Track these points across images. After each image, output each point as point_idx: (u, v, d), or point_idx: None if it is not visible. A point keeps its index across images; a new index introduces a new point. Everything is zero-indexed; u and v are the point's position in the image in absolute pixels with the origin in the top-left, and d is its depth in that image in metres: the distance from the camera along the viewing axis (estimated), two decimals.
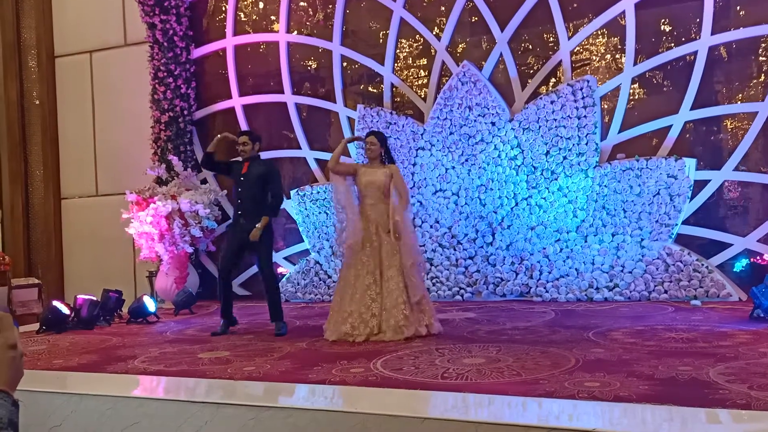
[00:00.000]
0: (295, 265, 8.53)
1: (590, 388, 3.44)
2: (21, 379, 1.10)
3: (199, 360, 4.81)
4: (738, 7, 6.86)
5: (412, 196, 7.84)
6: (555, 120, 7.26)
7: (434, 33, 8.00)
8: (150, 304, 7.12)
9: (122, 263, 9.32)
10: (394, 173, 5.46)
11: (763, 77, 6.78)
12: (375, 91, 8.39)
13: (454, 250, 7.68)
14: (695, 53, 6.88)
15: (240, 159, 6.04)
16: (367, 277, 5.31)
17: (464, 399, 3.44)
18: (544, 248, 7.31)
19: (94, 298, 6.93)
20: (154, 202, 8.16)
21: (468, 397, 3.45)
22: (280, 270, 8.68)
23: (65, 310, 6.70)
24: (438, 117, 7.75)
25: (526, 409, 3.29)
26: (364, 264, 5.33)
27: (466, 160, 7.65)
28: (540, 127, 7.33)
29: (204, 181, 8.87)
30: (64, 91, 9.90)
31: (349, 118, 8.32)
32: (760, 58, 6.78)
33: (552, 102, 7.27)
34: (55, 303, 6.80)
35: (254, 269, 7.85)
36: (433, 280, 7.75)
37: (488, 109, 7.54)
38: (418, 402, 3.55)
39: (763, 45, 6.75)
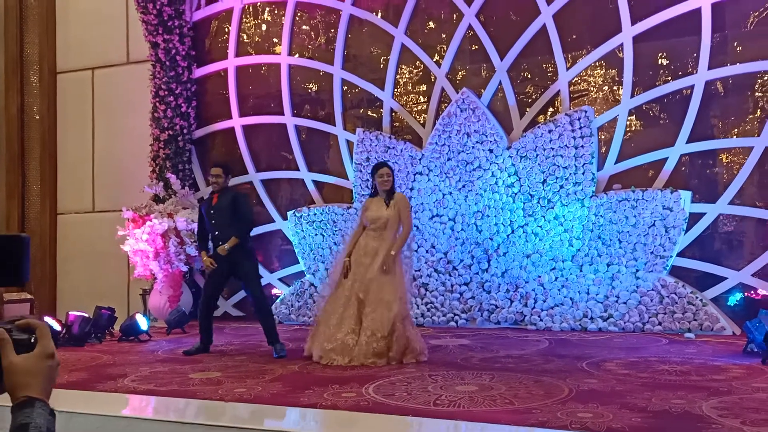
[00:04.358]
0: (289, 286, 8.51)
1: (583, 419, 3.42)
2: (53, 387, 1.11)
3: (190, 380, 4.77)
4: (735, 43, 6.95)
5: None
6: (552, 149, 7.31)
7: (434, 60, 8.08)
8: (142, 323, 7.09)
9: (116, 280, 9.28)
10: (400, 205, 5.48)
11: (759, 112, 6.85)
12: (374, 115, 8.45)
13: (450, 275, 7.67)
14: (692, 87, 6.95)
15: (208, 193, 6.31)
16: (348, 307, 5.33)
17: (456, 426, 3.41)
18: (540, 276, 7.31)
19: (86, 315, 6.89)
20: (151, 220, 8.15)
21: (460, 425, 3.43)
22: (274, 291, 8.65)
23: (56, 327, 6.66)
24: (436, 143, 7.79)
25: None
26: (346, 296, 5.38)
27: (464, 186, 7.68)
28: (537, 155, 7.37)
29: (201, 200, 8.87)
30: (65, 107, 9.94)
31: (348, 141, 8.36)
32: (756, 94, 6.86)
33: (550, 131, 7.33)
34: (47, 319, 6.75)
35: None
36: (428, 306, 7.73)
37: (486, 136, 7.59)
38: (410, 429, 3.52)
39: (759, 81, 6.83)
